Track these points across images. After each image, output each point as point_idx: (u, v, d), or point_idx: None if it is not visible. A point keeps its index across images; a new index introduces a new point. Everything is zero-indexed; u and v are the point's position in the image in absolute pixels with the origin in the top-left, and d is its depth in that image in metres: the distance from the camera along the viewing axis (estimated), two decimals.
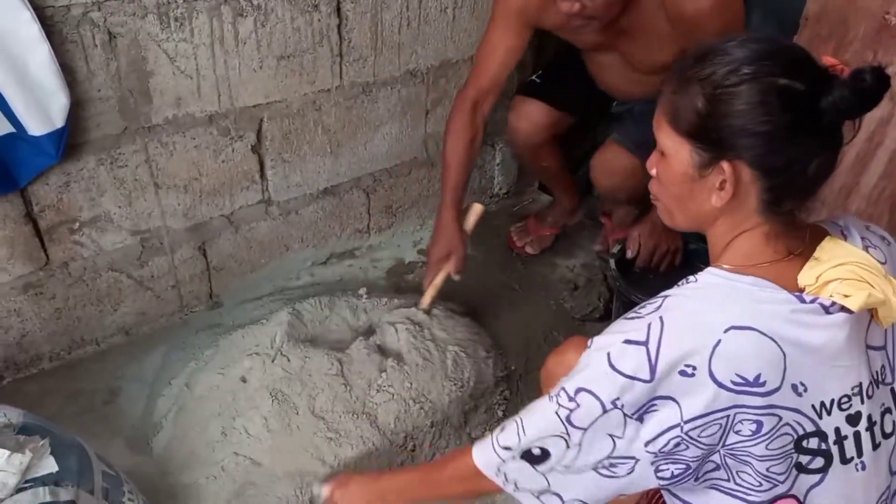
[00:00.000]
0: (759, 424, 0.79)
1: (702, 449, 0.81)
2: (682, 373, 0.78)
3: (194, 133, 1.49)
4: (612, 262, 1.64)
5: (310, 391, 1.38)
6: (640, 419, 0.81)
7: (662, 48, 1.44)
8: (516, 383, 1.61)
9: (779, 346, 0.78)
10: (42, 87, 1.20)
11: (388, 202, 1.95)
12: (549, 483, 0.89)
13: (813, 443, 0.82)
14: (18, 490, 0.95)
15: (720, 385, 0.77)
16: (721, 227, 0.86)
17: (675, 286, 0.86)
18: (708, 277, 0.84)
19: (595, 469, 0.85)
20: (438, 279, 1.59)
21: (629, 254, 1.63)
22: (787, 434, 0.81)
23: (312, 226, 1.82)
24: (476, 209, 1.62)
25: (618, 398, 0.80)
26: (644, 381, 0.79)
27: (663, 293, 0.85)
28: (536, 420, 0.89)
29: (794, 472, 0.83)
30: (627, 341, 0.81)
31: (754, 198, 0.82)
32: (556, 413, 0.85)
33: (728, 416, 0.79)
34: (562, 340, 1.69)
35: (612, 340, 0.82)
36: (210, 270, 1.69)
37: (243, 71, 1.49)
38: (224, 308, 1.73)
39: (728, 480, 0.85)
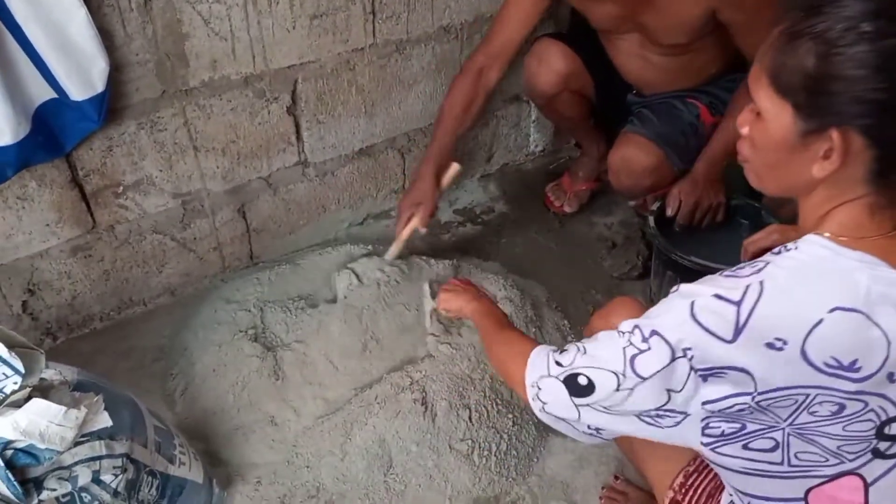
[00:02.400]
0: (842, 407, 0.75)
1: (767, 419, 0.78)
2: (770, 345, 0.74)
3: (230, 96, 1.50)
4: (650, 220, 1.61)
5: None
6: (705, 378, 0.77)
7: (683, 19, 1.39)
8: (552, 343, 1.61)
9: (885, 333, 0.73)
10: (82, 52, 1.22)
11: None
12: (579, 415, 0.87)
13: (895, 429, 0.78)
14: (76, 444, 1.00)
15: (811, 364, 0.74)
16: (818, 196, 0.79)
17: (774, 254, 0.79)
18: (812, 248, 0.77)
19: (638, 416, 0.83)
20: (407, 231, 1.60)
21: (669, 212, 1.60)
22: (869, 420, 0.77)
23: (348, 187, 1.83)
24: (454, 167, 1.64)
25: (689, 348, 0.76)
26: (723, 341, 0.75)
27: (764, 258, 0.79)
28: (600, 347, 0.85)
29: (870, 455, 0.80)
30: (718, 296, 0.76)
31: (862, 168, 0.74)
32: (624, 350, 0.81)
33: (808, 396, 0.75)
34: (599, 299, 1.70)
35: (701, 291, 0.78)
36: (250, 232, 1.72)
37: (277, 31, 1.48)
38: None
39: (781, 464, 0.82)
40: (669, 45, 1.52)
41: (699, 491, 1.08)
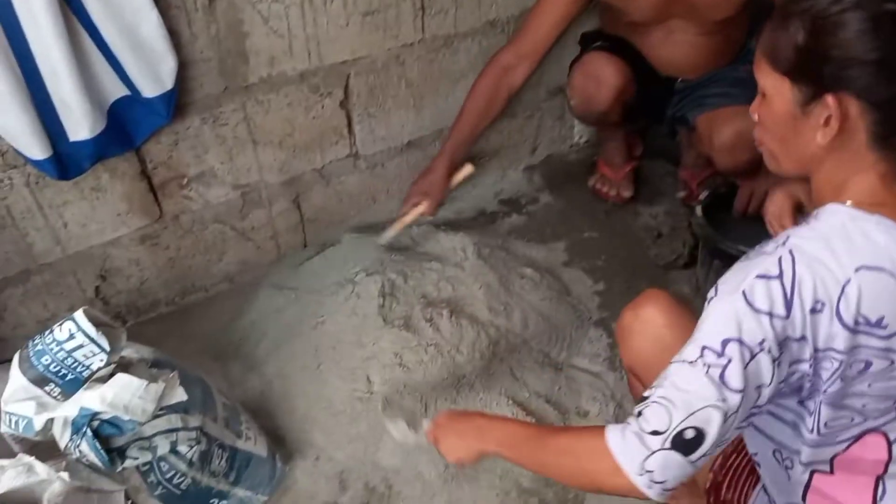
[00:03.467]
0: (868, 364, 0.78)
1: (814, 385, 0.80)
2: (813, 310, 0.76)
3: (287, 91, 1.56)
4: (698, 210, 1.62)
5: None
6: (778, 363, 0.77)
7: None
8: (598, 331, 1.64)
9: None
10: (153, 51, 1.29)
11: (470, 153, 1.98)
12: (694, 466, 0.78)
13: None
14: (155, 417, 1.07)
15: (844, 325, 0.76)
16: (829, 168, 0.82)
17: (795, 226, 0.82)
18: (832, 216, 0.80)
19: (737, 427, 0.79)
20: (409, 217, 1.63)
21: (738, 205, 1.60)
22: (894, 378, 0.80)
23: (397, 178, 1.88)
24: (467, 168, 1.67)
25: (763, 340, 0.75)
26: (781, 317, 0.75)
27: (785, 232, 0.81)
28: (685, 391, 0.76)
29: (894, 413, 0.82)
30: (760, 276, 0.77)
31: (863, 133, 0.78)
32: (707, 375, 0.75)
33: (842, 361, 0.78)
34: (644, 288, 1.72)
35: (743, 279, 0.77)
36: (304, 222, 1.78)
37: (331, 28, 1.54)
38: None
39: (811, 432, 0.84)
40: (715, 21, 1.51)
41: (738, 470, 1.11)
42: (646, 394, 0.80)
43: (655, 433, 0.77)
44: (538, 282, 1.66)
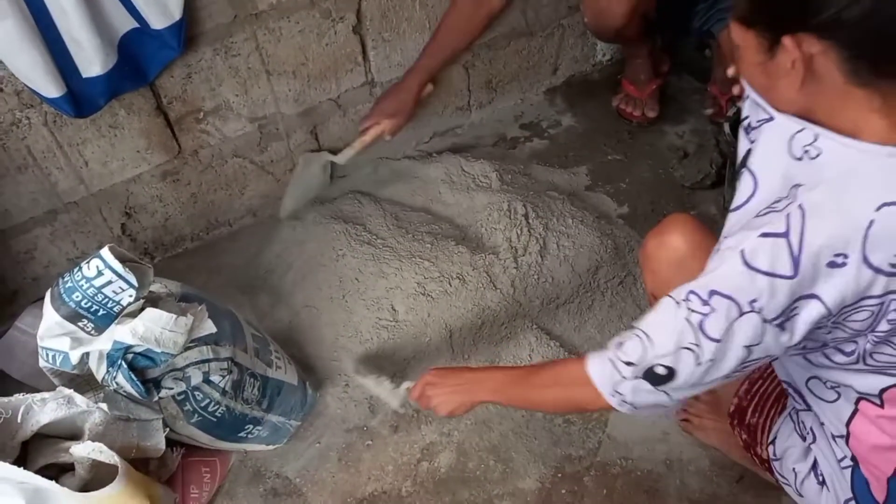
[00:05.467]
0: None
1: (847, 333, 0.79)
2: (832, 264, 0.72)
3: (298, 17, 1.52)
4: (726, 126, 1.57)
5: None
6: (781, 326, 0.75)
7: None
8: (623, 256, 1.62)
9: None
10: None
11: (488, 77, 1.92)
12: (670, 398, 0.84)
13: None
14: (186, 349, 1.10)
15: (877, 270, 0.72)
16: (823, 111, 0.77)
17: (800, 164, 0.77)
18: (840, 150, 0.75)
19: (725, 376, 0.81)
20: (370, 136, 1.58)
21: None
22: None
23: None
24: (427, 87, 1.62)
25: (755, 300, 0.74)
26: (785, 278, 0.73)
27: (795, 182, 0.77)
28: (663, 329, 0.80)
29: None
30: (765, 234, 0.74)
31: (836, 71, 0.72)
32: (687, 320, 0.77)
33: (882, 304, 0.75)
34: (671, 211, 1.69)
35: (747, 236, 0.75)
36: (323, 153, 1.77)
37: None
38: None
39: (857, 362, 0.84)
40: None
41: (764, 396, 1.11)
42: (633, 324, 0.85)
43: (629, 364, 0.83)
44: (563, 207, 1.64)
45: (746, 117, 0.88)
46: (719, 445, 1.27)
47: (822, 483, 1.00)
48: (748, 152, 0.85)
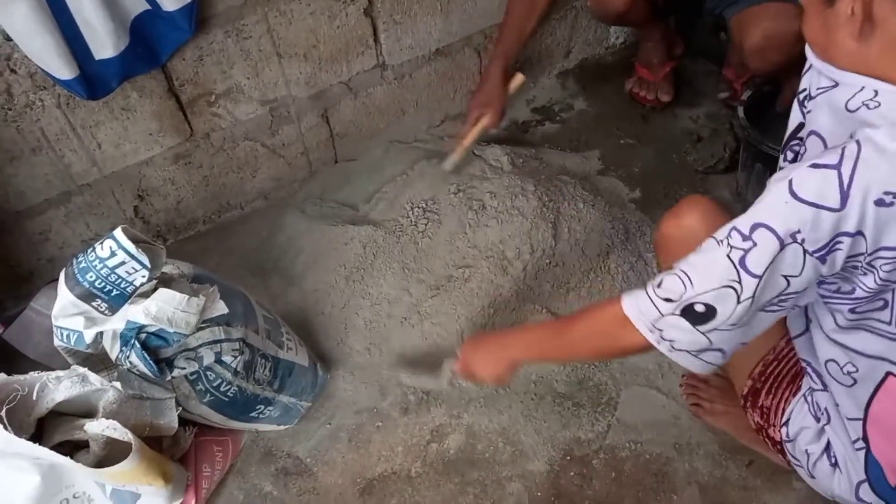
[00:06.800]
0: None
1: (880, 282, 0.77)
2: (880, 202, 0.71)
3: None
4: (740, 111, 1.55)
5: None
6: (823, 260, 0.75)
7: None
8: (634, 241, 1.61)
9: None
10: None
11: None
12: (710, 342, 0.82)
13: None
14: (198, 329, 1.12)
15: None
16: (880, 69, 0.75)
17: (859, 114, 0.76)
18: None
19: (762, 310, 0.80)
20: (474, 133, 1.56)
21: (780, 106, 1.51)
22: None
23: (426, 89, 1.83)
24: (518, 78, 1.59)
25: (798, 231, 0.73)
26: (831, 210, 0.72)
27: (855, 129, 0.76)
28: (704, 267, 0.80)
29: None
30: (815, 165, 0.73)
31: (894, 15, 0.72)
32: (728, 256, 0.77)
33: None
34: (684, 195, 1.68)
35: (796, 166, 0.75)
36: (334, 137, 1.77)
37: None
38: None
39: (889, 323, 0.82)
40: None
41: (779, 378, 1.10)
42: (674, 264, 0.83)
43: (668, 300, 0.81)
44: (574, 191, 1.63)
45: (804, 89, 0.86)
46: (730, 429, 1.27)
47: (835, 465, 0.99)
48: (800, 125, 0.85)
